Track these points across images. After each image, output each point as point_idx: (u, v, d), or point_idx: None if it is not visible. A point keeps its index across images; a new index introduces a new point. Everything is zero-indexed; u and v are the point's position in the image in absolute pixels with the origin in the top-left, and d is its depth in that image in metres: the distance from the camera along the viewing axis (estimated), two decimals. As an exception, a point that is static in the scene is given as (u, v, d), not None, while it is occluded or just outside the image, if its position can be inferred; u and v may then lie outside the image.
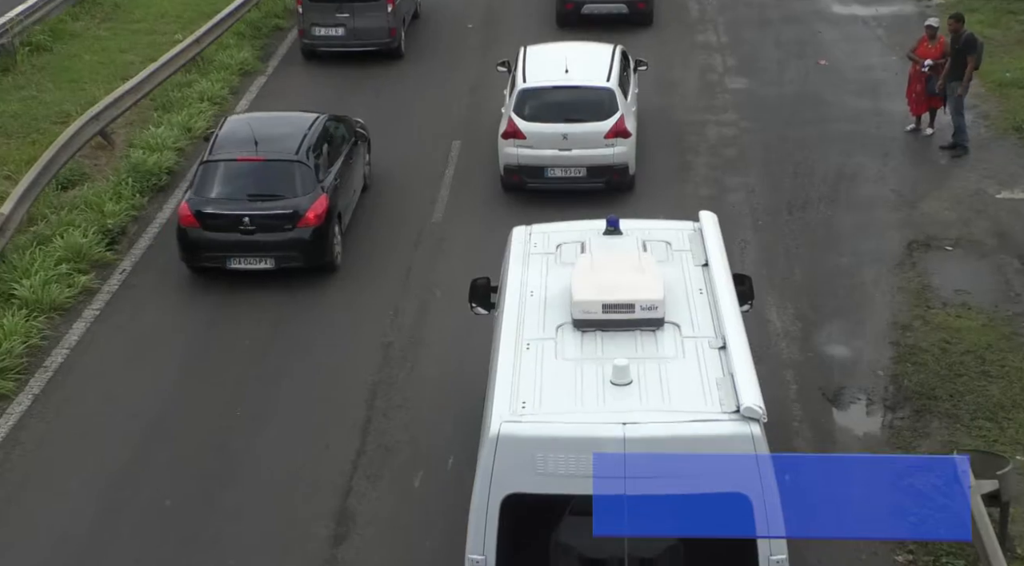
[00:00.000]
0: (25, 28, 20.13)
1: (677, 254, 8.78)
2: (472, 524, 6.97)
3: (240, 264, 13.10)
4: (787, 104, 17.93)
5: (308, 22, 19.79)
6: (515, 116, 14.79)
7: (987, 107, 17.22)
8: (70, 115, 16.90)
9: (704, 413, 6.97)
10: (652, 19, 21.37)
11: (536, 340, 7.79)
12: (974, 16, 19.83)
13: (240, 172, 13.34)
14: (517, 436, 6.86)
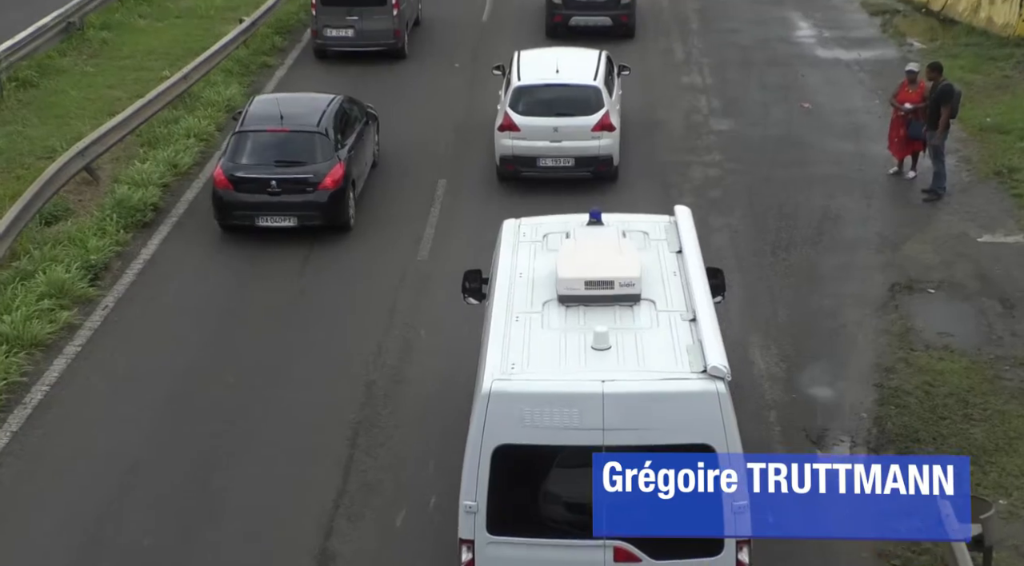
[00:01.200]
0: (12, 64, 20.14)
1: (654, 242, 9.65)
2: (465, 473, 7.74)
3: (267, 222, 14.90)
4: (771, 146, 18.06)
5: (320, 24, 21.73)
6: (510, 111, 16.27)
7: (968, 151, 17.38)
8: (55, 150, 16.87)
9: (675, 372, 7.82)
10: (634, 32, 23.04)
11: (524, 313, 8.61)
12: (956, 62, 20.08)
13: (268, 141, 15.24)
14: (506, 392, 7.66)
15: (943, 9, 23.94)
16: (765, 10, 25.37)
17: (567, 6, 22.93)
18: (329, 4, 21.66)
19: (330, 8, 21.65)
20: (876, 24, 24.12)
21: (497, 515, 7.77)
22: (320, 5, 21.71)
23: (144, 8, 25.00)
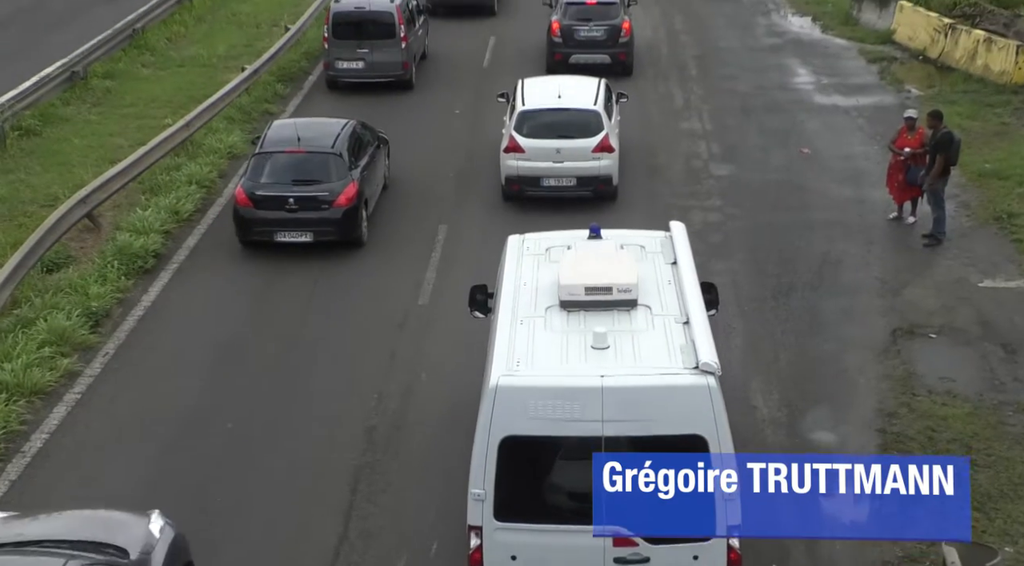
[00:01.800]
0: (16, 113, 20.25)
1: (650, 255, 10.26)
2: (474, 463, 8.26)
3: (285, 238, 15.80)
4: (771, 191, 18.12)
5: (333, 56, 22.87)
6: (515, 133, 17.22)
7: (968, 197, 17.42)
8: (58, 198, 16.93)
9: (669, 368, 8.41)
10: (632, 70, 23.74)
11: (528, 318, 9.22)
12: (953, 108, 20.20)
13: (286, 162, 16.14)
14: (512, 386, 8.22)
15: (940, 56, 24.11)
16: (763, 57, 25.57)
17: (567, 44, 23.63)
18: (341, 38, 22.75)
19: (342, 42, 22.74)
20: (874, 71, 24.26)
21: (504, 502, 8.29)
22: (332, 39, 22.81)
23: (147, 57, 25.15)
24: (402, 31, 22.76)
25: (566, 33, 23.72)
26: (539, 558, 8.42)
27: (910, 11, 25.83)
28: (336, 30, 22.86)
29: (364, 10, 22.98)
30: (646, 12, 28.82)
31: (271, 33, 26.68)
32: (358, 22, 22.87)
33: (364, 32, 22.73)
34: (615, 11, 24.07)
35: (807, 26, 28.18)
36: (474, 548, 8.42)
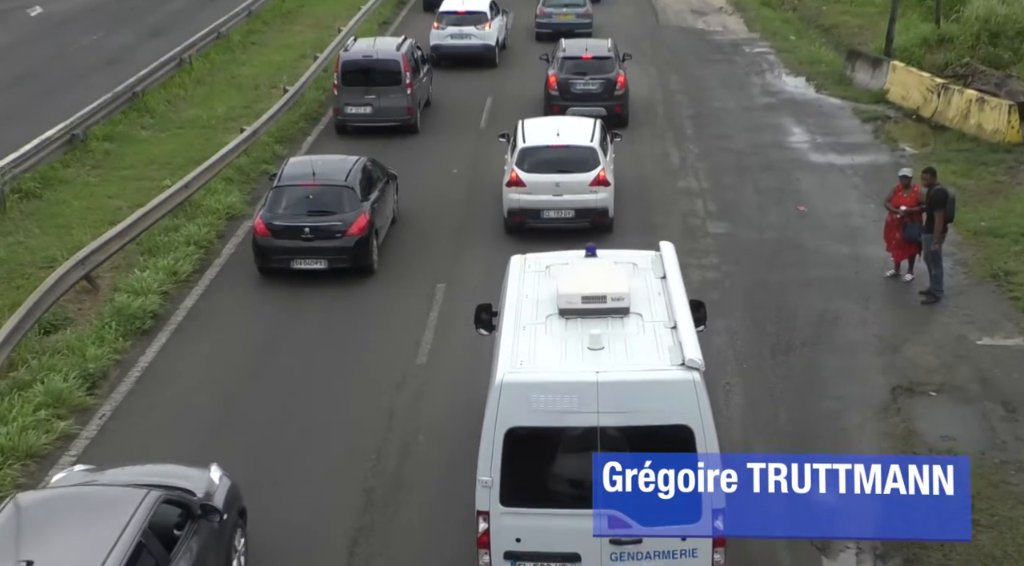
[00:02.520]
0: (16, 176, 20.33)
1: (641, 270, 11.10)
2: (481, 453, 9.04)
3: (301, 265, 16.82)
4: (768, 249, 18.17)
5: (342, 102, 23.94)
6: (517, 169, 18.25)
7: (964, 255, 17.46)
8: (56, 260, 16.94)
9: (658, 365, 9.28)
10: (627, 121, 24.34)
11: (530, 324, 10.06)
12: (948, 167, 20.33)
13: (302, 194, 17.24)
14: (516, 382, 9.05)
15: (933, 116, 24.30)
16: (758, 116, 25.76)
17: (564, 97, 24.29)
18: (350, 84, 23.82)
19: (351, 88, 23.81)
20: (868, 130, 24.44)
21: (509, 489, 9.04)
22: (342, 85, 23.87)
23: (147, 119, 25.30)
24: (407, 78, 23.89)
25: (563, 86, 24.45)
26: (541, 540, 9.15)
27: (903, 71, 26.09)
28: (345, 77, 23.90)
29: (372, 58, 24.19)
30: (643, 71, 29.12)
31: (270, 95, 26.89)
32: (366, 69, 23.99)
33: (372, 79, 23.83)
34: (610, 65, 24.79)
35: (801, 86, 28.44)
36: (482, 532, 9.15)
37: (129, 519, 8.76)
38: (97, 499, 9.35)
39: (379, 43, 25.84)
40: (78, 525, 8.79)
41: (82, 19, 36.23)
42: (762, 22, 35.88)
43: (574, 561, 9.18)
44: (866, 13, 35.19)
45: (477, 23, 30.18)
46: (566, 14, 33.29)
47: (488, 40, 30.24)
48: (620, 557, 9.09)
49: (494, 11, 31.20)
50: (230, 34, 32.82)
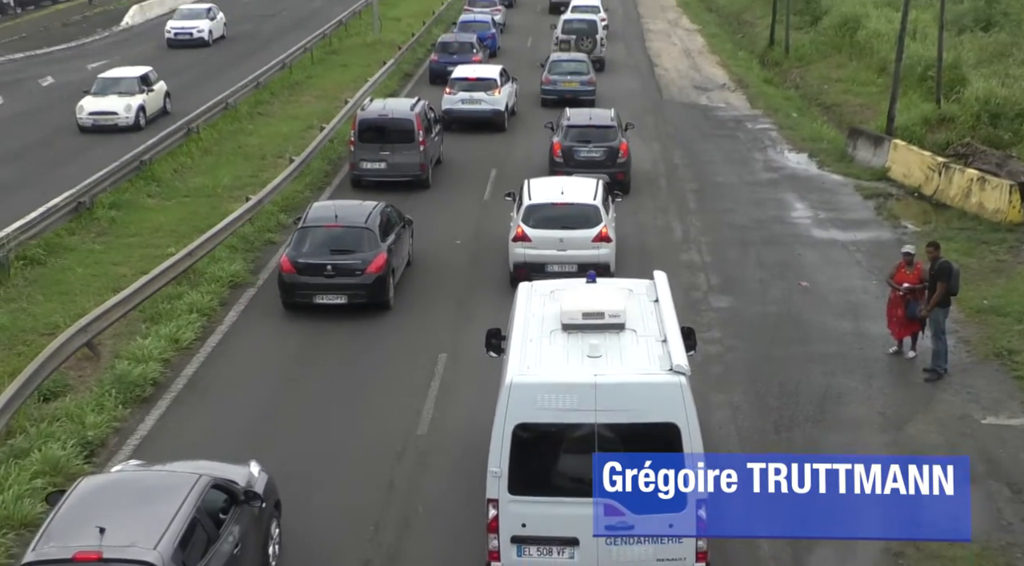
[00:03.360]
0: (21, 243, 20.42)
1: (636, 295, 12.36)
2: (492, 446, 10.20)
3: (323, 300, 18.08)
4: (770, 324, 18.15)
5: (358, 157, 25.18)
6: (523, 224, 19.10)
7: (967, 333, 17.43)
8: (58, 327, 16.95)
9: (649, 370, 10.56)
10: (629, 188, 24.81)
11: (536, 337, 11.30)
12: (950, 245, 20.36)
13: (325, 235, 18.56)
14: (524, 383, 10.31)
15: (935, 194, 24.41)
16: (761, 191, 25.91)
17: (568, 164, 24.78)
18: (366, 141, 25.05)
19: (366, 144, 25.05)
20: (870, 207, 24.54)
21: (516, 478, 10.18)
22: (358, 142, 25.11)
23: (153, 187, 25.46)
24: (420, 136, 25.12)
25: (567, 153, 25.01)
26: (544, 526, 10.26)
27: (904, 149, 26.29)
28: (362, 134, 25.11)
29: (387, 117, 25.44)
30: (646, 146, 29.38)
31: (276, 164, 27.10)
32: (381, 127, 25.20)
33: (386, 136, 25.01)
34: (613, 133, 25.38)
35: (803, 162, 28.64)
36: (491, 518, 10.28)
37: (184, 499, 9.93)
38: (155, 481, 10.52)
39: (394, 103, 27.29)
40: (139, 503, 9.91)
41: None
42: (764, 99, 36.26)
43: (573, 545, 10.29)
44: (867, 92, 35.58)
45: (487, 89, 31.36)
46: (570, 81, 34.27)
47: (497, 105, 31.31)
48: (614, 542, 10.19)
49: (504, 78, 32.23)
50: (238, 105, 33.18)
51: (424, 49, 43.59)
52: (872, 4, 44.67)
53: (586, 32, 40.53)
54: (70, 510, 9.85)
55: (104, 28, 49.64)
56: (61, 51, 44.03)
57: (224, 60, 40.78)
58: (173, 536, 9.50)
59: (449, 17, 50.52)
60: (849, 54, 40.18)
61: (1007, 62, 32.94)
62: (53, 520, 9.77)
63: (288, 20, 52.11)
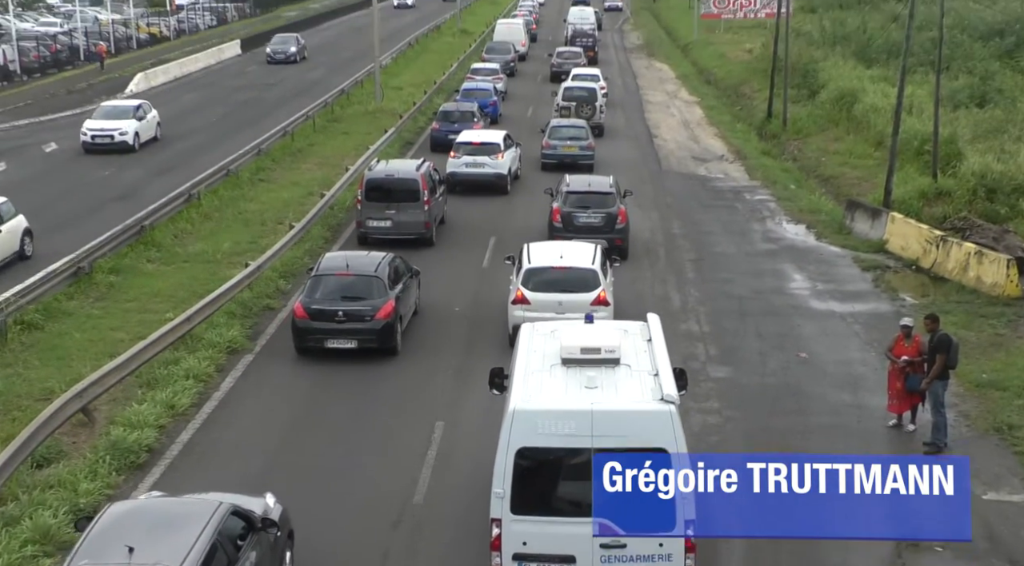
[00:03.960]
0: (20, 307, 20.39)
1: (631, 334, 13.25)
2: (496, 469, 11.06)
3: (334, 344, 18.99)
4: (769, 395, 18.09)
5: (364, 216, 26.07)
6: (522, 287, 19.37)
7: (967, 407, 17.37)
8: (54, 392, 16.88)
9: (641, 399, 11.50)
10: (627, 254, 25.20)
11: (538, 371, 12.22)
12: (948, 318, 20.34)
13: (337, 282, 19.53)
14: (526, 409, 11.22)
15: (933, 267, 24.49)
16: (759, 262, 25.98)
17: (567, 229, 25.10)
18: (372, 200, 25.90)
19: (372, 203, 25.90)
20: (868, 279, 24.58)
21: (518, 499, 11.02)
22: (365, 201, 25.97)
23: (153, 252, 25.51)
24: (425, 196, 25.96)
25: (566, 219, 25.31)
26: (544, 544, 11.03)
27: (901, 222, 26.42)
28: (368, 193, 25.96)
29: (393, 177, 26.32)
30: (645, 215, 29.54)
31: (276, 230, 27.19)
32: (388, 187, 25.99)
33: (392, 196, 25.87)
34: (611, 200, 25.75)
35: (802, 233, 28.75)
36: (495, 536, 11.07)
37: (206, 524, 10.66)
38: (179, 508, 11.31)
39: (400, 164, 28.47)
40: (165, 527, 10.66)
41: (95, 155, 36.91)
42: (762, 170, 36.52)
43: (570, 562, 11.04)
44: (864, 165, 35.87)
45: (491, 153, 32.08)
46: (570, 146, 35.02)
47: (500, 169, 32.02)
48: (608, 560, 10.99)
49: (507, 143, 32.95)
50: (239, 171, 33.39)
51: (425, 117, 44.01)
52: (868, 79, 45.21)
53: (586, 99, 41.33)
54: (100, 532, 10.55)
55: (108, 95, 50.11)
56: (65, 117, 44.39)
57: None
58: (196, 558, 10.16)
59: (451, 86, 51.07)
60: (846, 127, 40.59)
61: (1002, 138, 33.26)
62: (85, 541, 10.47)
63: (290, 89, 52.67)
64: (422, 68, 58.86)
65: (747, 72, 55.96)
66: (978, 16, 53.31)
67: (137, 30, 71.42)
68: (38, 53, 56.26)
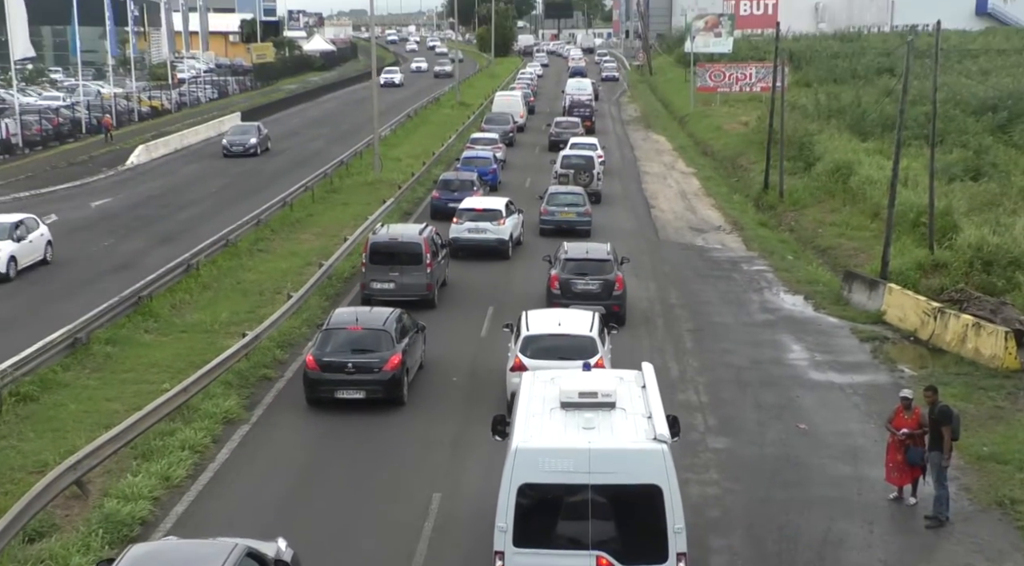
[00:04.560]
0: (16, 379, 20.28)
1: (626, 382, 14.09)
2: (499, 504, 11.89)
3: (344, 394, 19.87)
4: (768, 466, 17.95)
5: (368, 278, 26.93)
6: (521, 355, 19.41)
7: (968, 480, 17.22)
8: (48, 464, 16.72)
9: (635, 439, 12.28)
10: (625, 320, 25.65)
11: (538, 413, 12.98)
12: (947, 390, 20.27)
13: (347, 336, 20.49)
14: (528, 448, 12.06)
15: (931, 338, 24.45)
16: (757, 332, 25.95)
17: (565, 295, 25.55)
18: (376, 263, 26.79)
19: (377, 266, 26.79)
20: (867, 350, 24.52)
21: (520, 533, 11.81)
22: (369, 264, 26.89)
23: (150, 323, 25.46)
24: (428, 259, 26.81)
25: (564, 286, 25.78)
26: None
27: (899, 293, 26.45)
28: (373, 257, 26.86)
29: (397, 241, 27.27)
30: (642, 285, 29.59)
31: (274, 300, 27.20)
32: (391, 251, 26.88)
33: (396, 259, 26.72)
34: (609, 267, 26.26)
35: (799, 304, 28.77)
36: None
37: (223, 564, 11.17)
38: (197, 549, 11.95)
39: (404, 228, 29.44)
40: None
41: (95, 227, 37.11)
42: (759, 241, 36.67)
43: None
44: (861, 236, 36.02)
45: (492, 219, 32.98)
46: (567, 212, 35.99)
47: (502, 235, 32.83)
48: None
49: (509, 210, 33.87)
50: (238, 241, 33.51)
51: (424, 188, 44.35)
52: (863, 152, 45.60)
53: (583, 167, 42.38)
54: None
55: (109, 167, 50.48)
56: (65, 189, 44.68)
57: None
58: None
59: (449, 157, 51.47)
60: (842, 199, 40.84)
61: (997, 211, 33.41)
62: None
63: (289, 160, 53.07)
64: (421, 140, 59.40)
65: (743, 144, 56.48)
66: (970, 91, 53.99)
67: (139, 103, 72.16)
68: (40, 126, 56.75)
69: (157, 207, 40.92)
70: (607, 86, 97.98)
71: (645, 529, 11.88)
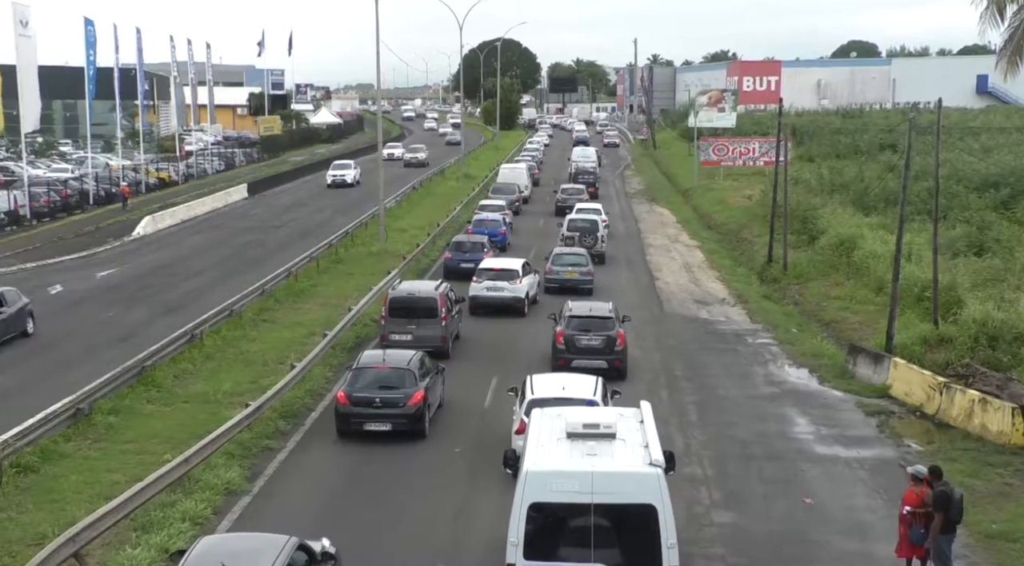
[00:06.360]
0: (17, 450, 20.12)
1: (626, 417, 15.54)
2: (511, 521, 13.32)
3: (371, 427, 22.18)
4: (774, 541, 17.75)
5: (388, 330, 29.02)
6: (525, 418, 19.18)
7: (977, 559, 16.99)
8: (46, 537, 16.54)
9: (633, 464, 13.78)
10: (626, 374, 27.13)
11: (547, 443, 14.49)
12: (955, 466, 20.10)
13: (375, 374, 22.83)
14: (538, 471, 13.61)
15: (937, 413, 24.30)
16: (762, 406, 25.81)
17: (569, 351, 27.15)
18: (395, 316, 28.96)
19: (395, 319, 28.96)
20: (872, 424, 24.35)
21: (530, 546, 13.23)
22: (388, 317, 29.09)
23: (153, 393, 25.35)
24: (443, 313, 28.80)
25: (568, 341, 27.29)
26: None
27: (904, 368, 26.34)
28: (392, 310, 29.12)
29: (414, 295, 29.49)
30: (646, 357, 29.55)
31: (276, 370, 27.13)
32: (409, 305, 29.04)
33: (413, 312, 28.84)
34: (611, 324, 27.79)
35: (804, 377, 28.66)
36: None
37: (280, 552, 13.32)
38: (257, 540, 14.15)
39: (421, 284, 31.99)
40: (248, 554, 13.36)
41: (100, 297, 37.16)
42: (764, 314, 36.65)
43: None
44: (865, 310, 36.00)
45: (509, 279, 35.06)
46: (571, 271, 38.16)
47: (518, 293, 34.86)
48: None
49: (526, 270, 36.03)
50: (242, 311, 33.53)
51: (428, 259, 44.53)
52: (867, 226, 45.80)
53: (588, 230, 44.95)
54: (198, 557, 13.16)
55: (116, 238, 50.74)
56: (71, 260, 44.86)
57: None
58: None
59: (453, 229, 51.76)
60: (846, 273, 40.93)
61: (1001, 286, 33.41)
62: (186, 562, 13.15)
63: (295, 231, 53.37)
64: (426, 211, 59.79)
65: (747, 217, 56.75)
66: (972, 168, 54.35)
67: (147, 175, 72.73)
68: (48, 198, 57.14)
69: (162, 277, 41.05)
70: (608, 154, 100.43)
71: (641, 544, 13.20)
